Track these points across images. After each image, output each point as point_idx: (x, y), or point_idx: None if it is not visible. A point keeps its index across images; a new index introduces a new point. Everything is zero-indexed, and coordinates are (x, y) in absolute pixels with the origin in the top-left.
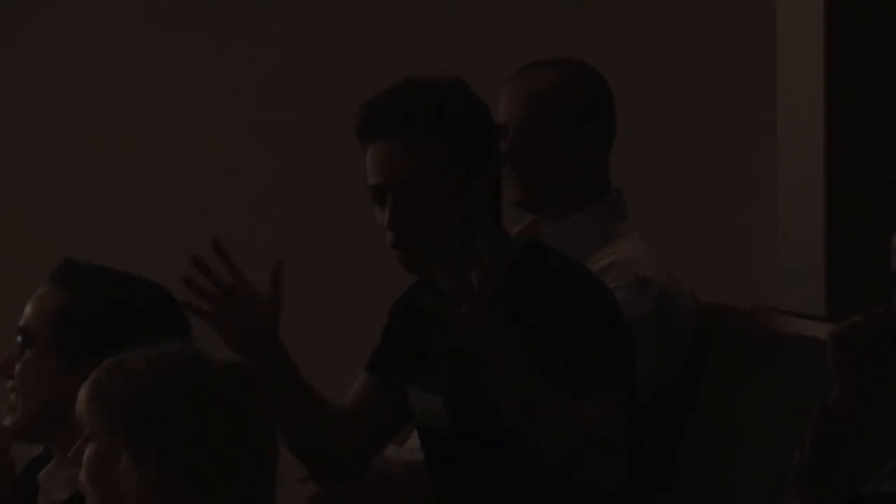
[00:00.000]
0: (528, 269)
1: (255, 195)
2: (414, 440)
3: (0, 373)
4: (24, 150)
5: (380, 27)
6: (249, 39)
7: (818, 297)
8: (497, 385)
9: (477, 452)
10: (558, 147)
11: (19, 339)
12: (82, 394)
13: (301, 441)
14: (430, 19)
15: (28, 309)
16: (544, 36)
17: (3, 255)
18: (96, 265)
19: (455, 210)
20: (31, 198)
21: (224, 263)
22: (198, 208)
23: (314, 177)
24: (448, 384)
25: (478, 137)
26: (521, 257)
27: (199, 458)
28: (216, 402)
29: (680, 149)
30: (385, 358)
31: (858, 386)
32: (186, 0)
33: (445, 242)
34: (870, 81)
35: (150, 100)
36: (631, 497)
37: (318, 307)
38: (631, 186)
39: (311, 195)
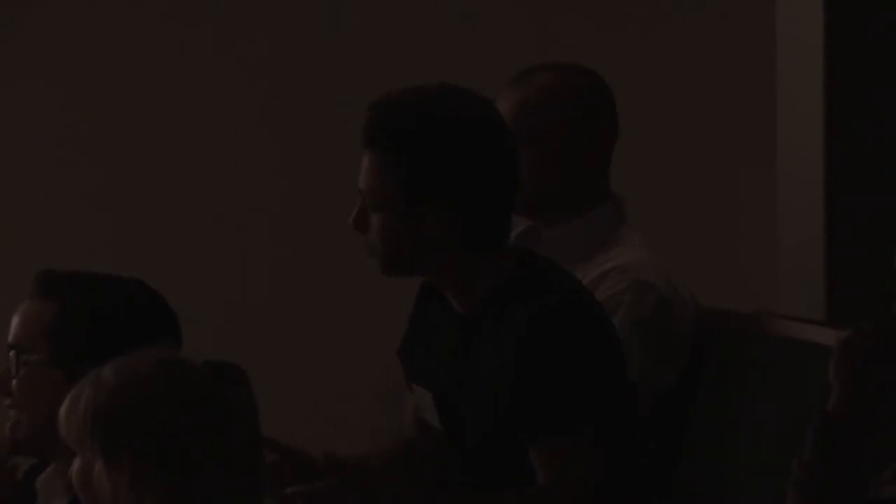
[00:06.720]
0: (502, 302)
1: (255, 196)
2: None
3: None
4: (24, 150)
5: (380, 27)
6: (249, 40)
7: (817, 298)
8: None
9: (464, 453)
10: (558, 151)
11: (11, 355)
12: (60, 412)
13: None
14: (431, 20)
15: (16, 324)
16: (543, 40)
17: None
18: (76, 271)
19: (404, 236)
20: (30, 198)
21: None
22: (197, 210)
23: (314, 178)
24: (438, 383)
25: (440, 165)
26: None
27: (174, 459)
28: (188, 403)
29: (679, 151)
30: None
31: (864, 390)
32: (187, 1)
33: (399, 263)
34: (870, 82)
35: (150, 100)
36: (631, 499)
37: (321, 309)
38: (630, 189)
39: (310, 196)
